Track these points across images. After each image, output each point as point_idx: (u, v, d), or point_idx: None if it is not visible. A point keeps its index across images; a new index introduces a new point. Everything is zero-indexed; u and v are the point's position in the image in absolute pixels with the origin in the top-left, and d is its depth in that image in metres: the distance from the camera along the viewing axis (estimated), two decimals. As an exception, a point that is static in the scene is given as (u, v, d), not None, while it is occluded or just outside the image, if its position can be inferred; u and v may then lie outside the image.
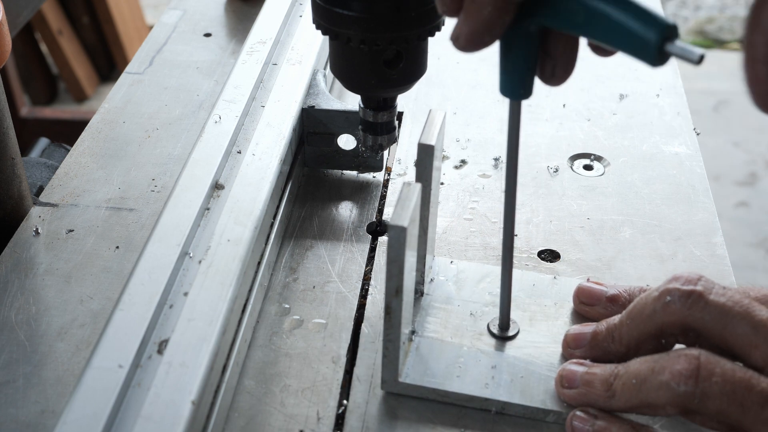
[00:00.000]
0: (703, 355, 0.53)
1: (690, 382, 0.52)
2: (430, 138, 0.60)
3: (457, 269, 0.69)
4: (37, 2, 1.42)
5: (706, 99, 2.78)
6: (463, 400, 0.59)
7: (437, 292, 0.67)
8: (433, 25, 0.64)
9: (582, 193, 0.80)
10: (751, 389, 0.51)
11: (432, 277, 0.68)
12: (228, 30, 1.06)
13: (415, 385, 0.59)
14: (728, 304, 0.54)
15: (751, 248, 2.23)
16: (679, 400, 0.53)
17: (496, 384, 0.60)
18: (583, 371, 0.58)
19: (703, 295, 0.55)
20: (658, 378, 0.53)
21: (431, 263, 0.69)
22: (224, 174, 0.71)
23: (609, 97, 0.93)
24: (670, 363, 0.53)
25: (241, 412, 0.59)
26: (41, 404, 0.59)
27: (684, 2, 3.49)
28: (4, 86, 0.73)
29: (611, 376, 0.56)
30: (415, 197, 0.54)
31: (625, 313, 0.59)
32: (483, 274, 0.69)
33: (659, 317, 0.56)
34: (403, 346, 0.60)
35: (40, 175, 0.89)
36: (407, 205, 0.53)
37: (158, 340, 0.56)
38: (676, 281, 0.56)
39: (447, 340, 0.63)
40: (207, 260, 0.62)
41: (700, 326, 0.55)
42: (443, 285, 0.68)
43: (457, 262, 0.70)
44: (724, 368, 0.52)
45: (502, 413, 0.59)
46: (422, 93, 0.94)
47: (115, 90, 0.94)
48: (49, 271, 0.70)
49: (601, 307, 0.63)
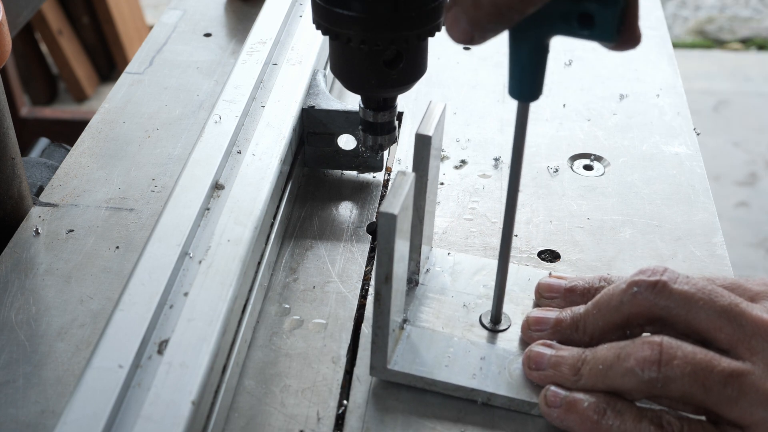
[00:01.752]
0: (665, 340, 0.54)
1: (653, 368, 0.54)
2: (428, 129, 0.60)
3: (454, 261, 0.70)
4: (37, 2, 1.42)
5: (706, 99, 2.78)
6: (449, 390, 0.60)
7: (432, 283, 0.67)
8: (433, 25, 0.64)
9: (582, 193, 0.80)
10: (712, 369, 0.53)
11: (428, 268, 0.69)
12: (228, 30, 1.06)
13: (403, 373, 0.60)
14: (692, 291, 0.56)
15: (751, 248, 2.23)
16: (643, 386, 0.54)
17: (483, 375, 0.60)
18: (551, 354, 0.59)
19: (667, 284, 0.56)
20: (623, 364, 0.55)
21: (428, 254, 0.70)
22: (224, 174, 0.71)
23: (609, 97, 0.93)
24: (634, 350, 0.55)
25: (241, 412, 0.59)
26: (41, 404, 0.59)
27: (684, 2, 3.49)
28: (4, 86, 0.73)
29: (579, 361, 0.58)
30: (407, 186, 0.54)
31: (591, 304, 0.60)
32: (479, 266, 0.69)
33: (626, 308, 0.57)
34: (393, 334, 0.60)
35: (40, 175, 0.89)
36: (399, 193, 0.53)
37: (158, 340, 0.56)
38: (642, 273, 0.57)
39: (438, 330, 0.63)
40: (207, 260, 0.62)
41: (666, 314, 0.56)
42: (439, 276, 0.68)
43: (454, 254, 0.70)
44: (685, 351, 0.54)
45: (488, 404, 0.59)
46: (422, 93, 0.94)
47: (115, 90, 0.94)
48: (49, 271, 0.70)
49: (560, 299, 0.64)
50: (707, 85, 2.85)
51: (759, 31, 3.28)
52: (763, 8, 3.45)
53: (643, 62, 0.98)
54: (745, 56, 3.11)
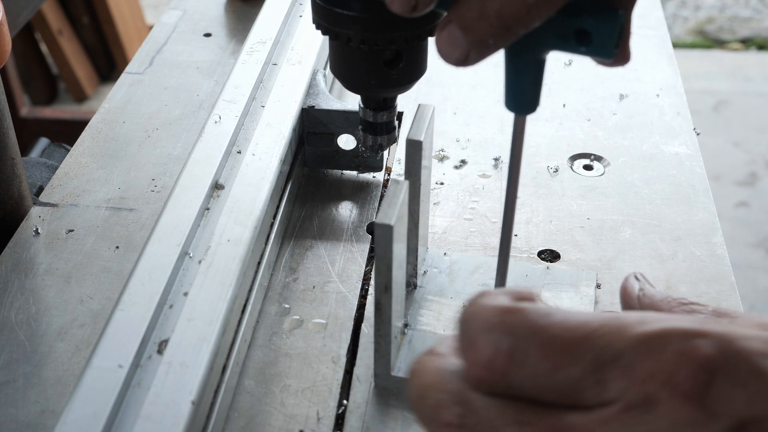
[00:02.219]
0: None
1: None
2: (418, 133, 0.60)
3: (450, 260, 0.70)
4: (37, 2, 1.42)
5: (706, 99, 2.78)
6: None
7: (430, 285, 0.67)
8: (433, 25, 0.64)
9: (582, 193, 0.80)
10: None
11: (425, 269, 0.69)
12: (228, 30, 1.06)
13: (407, 379, 0.60)
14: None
15: (751, 248, 2.23)
16: None
17: None
18: None
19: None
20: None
21: (425, 255, 0.70)
22: (224, 174, 0.71)
23: (609, 97, 0.93)
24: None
25: (241, 412, 0.59)
26: (41, 404, 0.59)
27: (684, 2, 3.49)
28: (4, 86, 0.73)
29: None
30: (402, 195, 0.54)
31: None
32: (476, 264, 0.69)
33: None
34: (395, 340, 0.60)
35: (40, 175, 0.89)
36: (394, 203, 0.53)
37: (158, 340, 0.56)
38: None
39: (439, 333, 0.63)
40: (207, 260, 0.62)
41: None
42: (436, 277, 0.68)
43: (450, 253, 0.70)
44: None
45: None
46: (422, 93, 0.94)
47: (115, 90, 0.94)
48: (49, 271, 0.70)
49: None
50: (707, 85, 2.85)
51: (759, 31, 3.28)
52: (763, 8, 3.45)
53: (643, 62, 0.98)
54: (745, 56, 3.11)
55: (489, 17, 0.45)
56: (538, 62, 0.49)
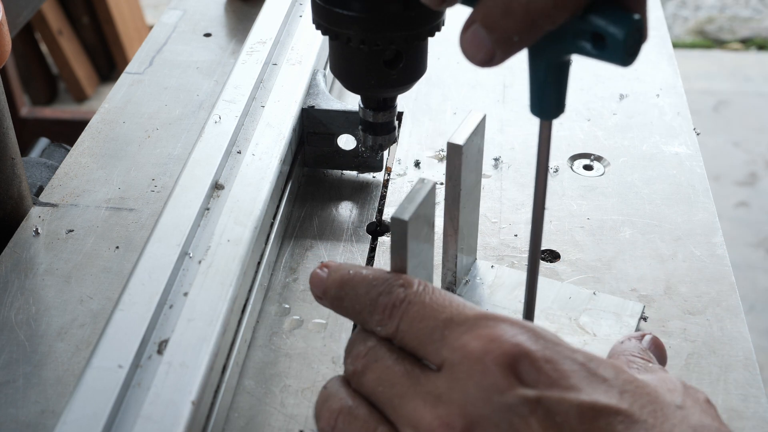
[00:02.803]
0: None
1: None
2: (460, 138, 0.60)
3: (496, 274, 0.69)
4: (37, 2, 1.42)
5: (706, 99, 2.78)
6: None
7: (469, 295, 0.67)
8: (433, 25, 0.64)
9: (582, 193, 0.80)
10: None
11: (468, 279, 0.68)
12: (228, 30, 1.06)
13: None
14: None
15: (751, 248, 2.23)
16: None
17: None
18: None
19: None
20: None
21: (470, 265, 0.69)
22: (224, 174, 0.71)
23: (609, 97, 0.93)
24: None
25: (241, 412, 0.59)
26: (41, 404, 0.59)
27: (684, 2, 3.49)
28: (4, 86, 0.73)
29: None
30: (423, 193, 0.52)
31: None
32: (520, 281, 0.68)
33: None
34: None
35: (40, 175, 0.89)
36: (414, 200, 0.52)
37: (158, 340, 0.56)
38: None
39: None
40: (207, 260, 0.62)
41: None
42: (477, 288, 0.67)
43: (497, 267, 0.69)
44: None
45: None
46: (422, 93, 0.94)
47: (115, 90, 0.94)
48: (49, 271, 0.70)
49: None
50: (707, 85, 2.85)
51: (759, 31, 3.29)
52: (763, 8, 3.45)
53: (643, 62, 0.98)
54: (745, 56, 3.11)
55: (515, 12, 0.45)
56: (560, 66, 0.49)
